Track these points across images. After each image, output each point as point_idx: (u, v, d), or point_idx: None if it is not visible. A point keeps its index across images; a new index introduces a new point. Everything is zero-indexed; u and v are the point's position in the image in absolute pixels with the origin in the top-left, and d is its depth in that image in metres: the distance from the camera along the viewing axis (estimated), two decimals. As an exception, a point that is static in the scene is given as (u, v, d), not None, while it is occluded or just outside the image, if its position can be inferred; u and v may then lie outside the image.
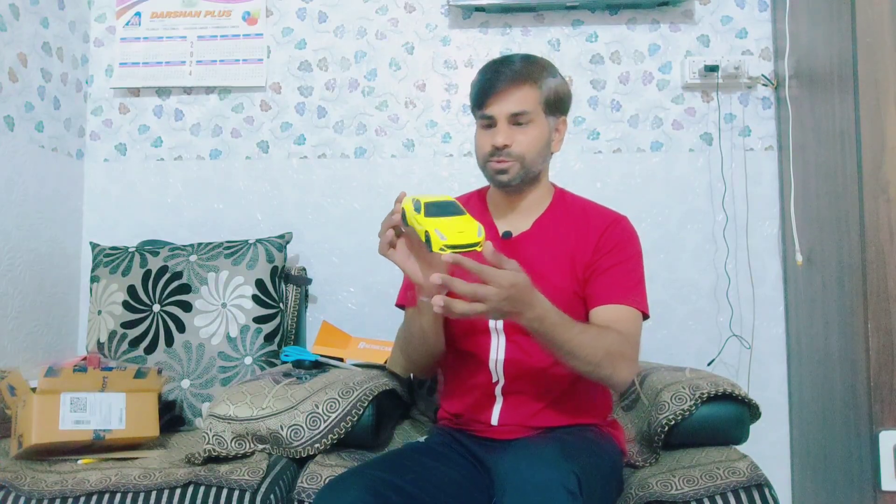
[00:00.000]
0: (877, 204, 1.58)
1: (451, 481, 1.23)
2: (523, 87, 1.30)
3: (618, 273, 1.33)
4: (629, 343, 1.27)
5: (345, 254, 2.16)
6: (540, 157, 1.35)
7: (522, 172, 1.33)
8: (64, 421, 1.41)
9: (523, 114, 1.30)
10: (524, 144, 1.31)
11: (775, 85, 2.10)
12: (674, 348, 2.07)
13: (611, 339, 1.24)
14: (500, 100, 1.30)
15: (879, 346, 1.56)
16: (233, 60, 2.20)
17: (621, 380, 1.26)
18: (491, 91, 1.30)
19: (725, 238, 2.09)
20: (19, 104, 1.90)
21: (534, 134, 1.32)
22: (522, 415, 1.34)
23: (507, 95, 1.30)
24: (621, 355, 1.24)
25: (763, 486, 1.23)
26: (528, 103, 1.31)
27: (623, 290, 1.32)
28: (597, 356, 1.20)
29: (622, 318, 1.29)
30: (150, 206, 2.20)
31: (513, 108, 1.30)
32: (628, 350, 1.27)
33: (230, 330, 1.81)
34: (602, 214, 1.41)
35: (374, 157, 2.19)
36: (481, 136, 1.35)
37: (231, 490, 1.28)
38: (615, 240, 1.36)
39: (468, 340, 1.37)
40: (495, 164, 1.32)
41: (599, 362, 1.21)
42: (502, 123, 1.31)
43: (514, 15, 2.18)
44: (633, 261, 1.35)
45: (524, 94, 1.31)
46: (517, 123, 1.31)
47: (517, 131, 1.31)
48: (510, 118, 1.30)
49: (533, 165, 1.34)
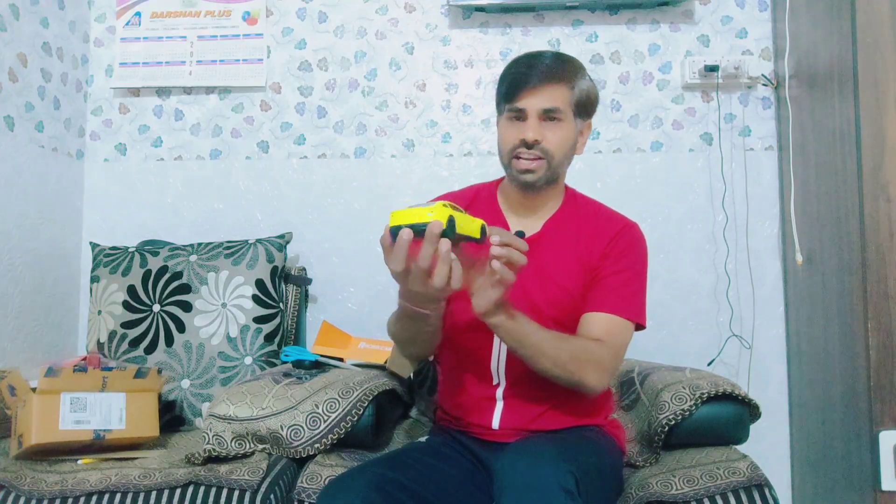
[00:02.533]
0: (877, 204, 1.58)
1: (453, 480, 1.24)
2: (557, 84, 1.28)
3: (616, 282, 1.31)
4: (607, 351, 1.26)
5: (345, 254, 2.16)
6: (566, 159, 1.34)
7: (548, 173, 1.31)
8: (64, 421, 1.41)
9: (556, 111, 1.28)
10: (554, 142, 1.29)
11: (775, 85, 2.10)
12: (674, 348, 2.07)
13: (579, 344, 1.23)
14: (534, 94, 1.27)
15: (879, 345, 1.56)
16: (233, 60, 2.20)
17: (591, 385, 1.24)
18: (525, 85, 1.27)
19: (725, 238, 2.09)
20: (19, 104, 1.90)
21: (563, 133, 1.30)
22: (524, 419, 1.32)
23: (541, 91, 1.27)
24: (590, 362, 1.23)
25: (763, 486, 1.23)
26: (561, 101, 1.28)
27: (618, 299, 1.30)
28: (561, 359, 1.20)
29: (608, 328, 1.28)
30: (150, 206, 2.20)
31: (546, 104, 1.27)
32: (603, 357, 1.25)
33: (230, 330, 1.81)
34: (613, 219, 1.39)
35: (374, 157, 2.19)
36: (508, 129, 1.31)
37: (231, 490, 1.28)
38: (622, 247, 1.34)
39: (468, 337, 1.35)
40: (522, 163, 1.30)
41: (565, 365, 1.20)
42: (533, 119, 1.28)
43: (514, 15, 2.18)
44: (634, 269, 1.34)
45: (558, 92, 1.28)
46: (549, 119, 1.29)
47: (548, 128, 1.28)
48: (542, 114, 1.28)
49: (559, 166, 1.33)
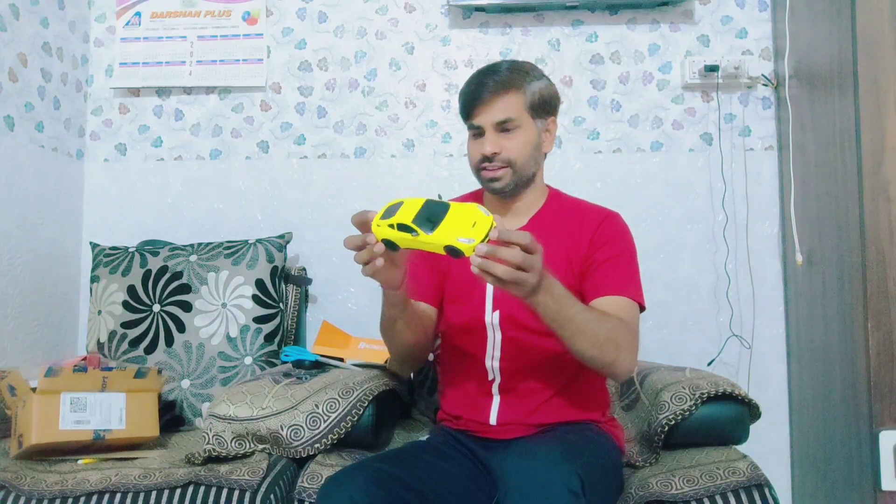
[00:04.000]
0: (877, 204, 1.58)
1: (453, 478, 1.24)
2: (506, 94, 1.32)
3: (613, 266, 1.34)
4: (630, 332, 1.28)
5: (345, 254, 2.11)
6: (531, 161, 1.37)
7: (515, 178, 1.35)
8: (64, 421, 1.41)
9: (509, 121, 1.33)
10: (513, 150, 1.34)
11: (775, 85, 2.10)
12: (674, 348, 2.07)
13: (612, 324, 1.24)
14: (485, 109, 1.32)
15: (879, 345, 1.56)
16: (233, 60, 2.20)
17: (624, 368, 1.26)
18: (476, 101, 1.33)
19: (725, 238, 2.09)
20: (19, 104, 1.90)
21: (521, 139, 1.34)
22: (521, 412, 1.34)
23: (492, 104, 1.32)
24: (624, 342, 1.24)
25: (763, 486, 1.23)
26: (513, 110, 1.33)
27: (620, 281, 1.33)
28: (599, 338, 1.20)
29: (621, 308, 1.30)
30: (150, 206, 2.20)
31: (497, 116, 1.32)
32: (629, 338, 1.27)
33: (230, 330, 1.81)
34: (595, 211, 1.43)
35: (374, 157, 2.19)
36: (472, 145, 1.38)
37: (231, 490, 1.28)
38: (609, 234, 1.37)
39: (464, 338, 1.38)
40: (487, 173, 1.35)
41: (602, 345, 1.20)
42: (489, 132, 1.33)
43: (514, 15, 2.18)
44: (627, 254, 1.37)
45: (508, 102, 1.32)
46: (504, 130, 1.33)
47: (504, 138, 1.33)
48: (496, 126, 1.33)
49: (524, 169, 1.36)
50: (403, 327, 1.31)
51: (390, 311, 1.28)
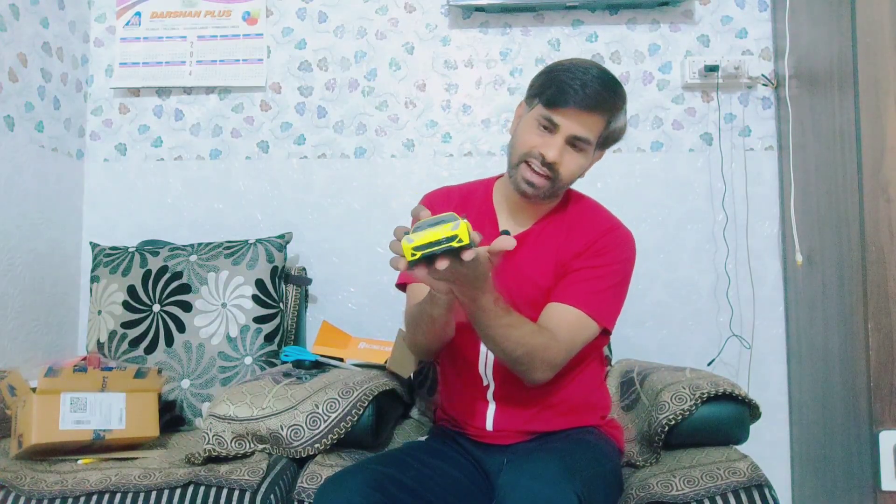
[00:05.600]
0: (877, 204, 1.58)
1: (452, 479, 1.24)
2: (598, 114, 1.25)
3: (587, 277, 1.29)
4: (560, 350, 1.24)
5: (345, 254, 2.16)
6: (571, 182, 1.33)
7: (548, 191, 1.30)
8: (64, 421, 1.41)
9: (584, 141, 1.26)
10: (569, 169, 1.28)
11: (775, 85, 2.10)
12: (674, 348, 2.07)
13: (541, 341, 1.21)
14: (574, 117, 1.24)
15: (879, 345, 1.56)
16: (233, 60, 2.20)
17: (533, 380, 1.25)
18: (569, 102, 1.23)
19: (725, 238, 2.09)
20: (19, 104, 1.90)
21: (581, 162, 1.29)
22: (517, 420, 1.33)
23: (582, 116, 1.24)
24: (544, 360, 1.23)
25: (763, 487, 1.23)
26: (593, 133, 1.26)
27: (586, 295, 1.27)
28: (515, 353, 1.20)
29: (569, 322, 1.26)
30: (150, 206, 2.20)
31: (580, 131, 1.25)
32: (556, 356, 1.24)
33: (230, 330, 1.81)
34: (599, 221, 1.37)
35: (374, 157, 2.19)
36: (532, 132, 1.28)
37: (231, 490, 1.28)
38: (602, 246, 1.32)
39: (458, 344, 1.35)
40: (529, 173, 1.28)
41: (518, 359, 1.21)
42: (560, 138, 1.25)
43: (514, 15, 2.18)
44: (609, 269, 1.31)
45: (595, 122, 1.26)
46: (572, 144, 1.27)
47: (568, 152, 1.27)
48: (570, 138, 1.26)
49: (562, 189, 1.33)
50: (433, 325, 1.25)
51: (431, 309, 1.21)
